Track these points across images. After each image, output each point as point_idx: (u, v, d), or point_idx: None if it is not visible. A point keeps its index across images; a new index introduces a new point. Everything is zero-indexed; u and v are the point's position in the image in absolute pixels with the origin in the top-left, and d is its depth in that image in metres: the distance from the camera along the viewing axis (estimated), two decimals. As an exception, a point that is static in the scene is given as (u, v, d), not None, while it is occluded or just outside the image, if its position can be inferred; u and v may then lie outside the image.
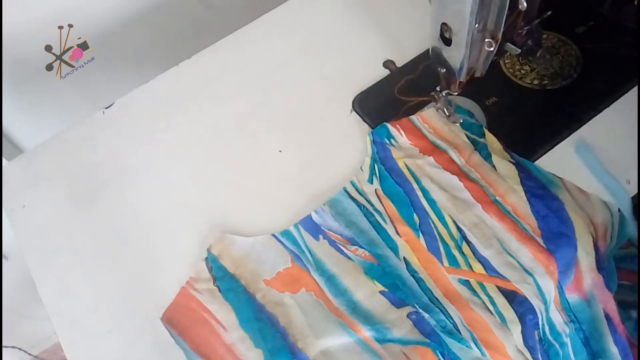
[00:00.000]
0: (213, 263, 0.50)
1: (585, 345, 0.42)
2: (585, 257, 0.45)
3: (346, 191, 0.52)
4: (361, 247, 0.49)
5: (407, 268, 0.48)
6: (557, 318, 0.43)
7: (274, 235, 0.51)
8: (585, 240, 0.45)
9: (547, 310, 0.44)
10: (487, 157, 0.51)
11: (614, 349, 0.41)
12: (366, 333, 0.45)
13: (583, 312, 0.43)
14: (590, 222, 0.47)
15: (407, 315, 0.46)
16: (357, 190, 0.52)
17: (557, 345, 0.42)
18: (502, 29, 0.42)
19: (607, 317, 0.42)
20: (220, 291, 0.48)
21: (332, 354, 0.45)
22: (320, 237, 0.50)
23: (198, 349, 0.46)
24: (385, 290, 0.47)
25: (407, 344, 0.44)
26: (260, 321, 0.46)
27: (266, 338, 0.45)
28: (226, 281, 0.49)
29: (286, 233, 0.51)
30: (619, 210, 0.47)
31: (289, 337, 0.45)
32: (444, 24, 0.44)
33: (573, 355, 0.41)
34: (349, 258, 0.49)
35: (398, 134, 0.54)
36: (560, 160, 0.50)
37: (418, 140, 0.54)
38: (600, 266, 0.44)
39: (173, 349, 0.47)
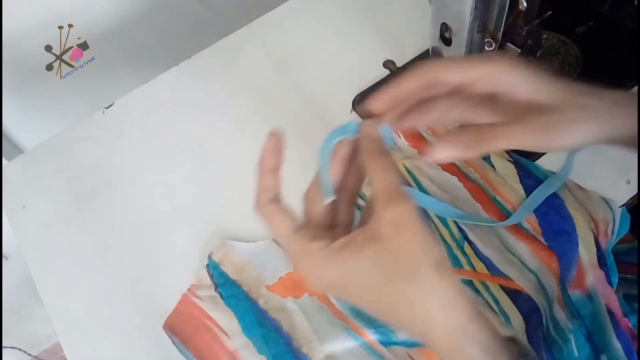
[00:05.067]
0: (214, 270, 0.49)
1: (588, 341, 0.41)
2: (586, 253, 0.45)
3: None
4: None
5: None
6: (561, 315, 0.43)
7: (275, 240, 0.50)
8: (586, 236, 0.45)
9: (550, 308, 0.44)
10: (486, 156, 0.51)
11: (616, 344, 0.41)
12: (371, 336, 0.45)
13: (585, 308, 0.43)
14: (590, 219, 0.47)
15: (412, 317, 0.46)
16: None
17: (561, 341, 0.42)
18: (502, 29, 0.42)
19: (610, 312, 0.42)
20: (222, 298, 0.48)
21: (337, 358, 0.45)
22: None
23: (201, 357, 0.46)
24: None
25: (412, 346, 0.44)
26: (263, 327, 0.46)
27: (270, 344, 0.45)
28: (228, 287, 0.49)
29: None
30: (620, 206, 0.47)
31: (294, 343, 0.45)
32: (444, 24, 0.44)
33: (577, 351, 0.41)
34: None
35: (396, 135, 0.54)
36: (560, 160, 0.50)
37: (416, 141, 0.54)
38: (601, 262, 0.44)
39: (172, 349, 0.47)
